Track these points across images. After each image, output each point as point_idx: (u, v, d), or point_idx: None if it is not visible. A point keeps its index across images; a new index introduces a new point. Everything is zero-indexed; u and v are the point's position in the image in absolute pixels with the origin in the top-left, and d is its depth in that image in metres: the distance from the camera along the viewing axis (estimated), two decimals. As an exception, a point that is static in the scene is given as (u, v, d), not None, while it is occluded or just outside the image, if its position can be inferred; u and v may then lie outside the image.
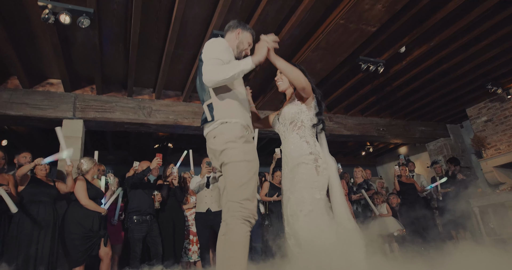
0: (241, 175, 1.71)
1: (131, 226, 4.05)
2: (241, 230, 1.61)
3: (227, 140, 1.76)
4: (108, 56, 4.21)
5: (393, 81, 5.35)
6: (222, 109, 1.83)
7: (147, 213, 4.12)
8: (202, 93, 1.93)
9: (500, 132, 6.34)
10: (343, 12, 3.47)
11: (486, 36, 4.31)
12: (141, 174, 4.11)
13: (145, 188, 4.26)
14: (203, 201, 4.51)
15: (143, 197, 4.19)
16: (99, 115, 4.75)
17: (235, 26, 2.08)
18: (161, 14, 3.55)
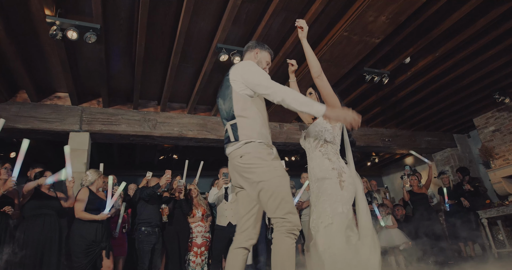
0: (278, 191, 1.73)
1: (141, 238, 4.05)
2: (287, 243, 1.66)
3: (255, 159, 1.78)
4: (114, 70, 4.26)
5: (398, 92, 5.33)
6: (246, 129, 1.85)
7: (156, 225, 4.14)
8: (226, 113, 1.95)
9: (509, 142, 6.25)
10: (346, 24, 3.48)
11: (492, 45, 4.29)
12: (151, 190, 4.13)
13: (154, 201, 4.28)
14: (223, 215, 4.46)
15: (152, 209, 4.22)
16: (105, 128, 4.78)
17: (253, 46, 2.16)
18: (166, 29, 3.60)
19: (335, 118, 1.84)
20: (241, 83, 1.90)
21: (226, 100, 1.93)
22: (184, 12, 3.17)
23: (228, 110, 1.92)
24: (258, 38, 3.65)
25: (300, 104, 1.77)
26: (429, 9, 3.45)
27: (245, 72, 1.91)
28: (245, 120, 1.86)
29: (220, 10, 3.38)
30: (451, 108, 6.12)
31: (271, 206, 1.72)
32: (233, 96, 1.90)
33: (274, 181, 1.74)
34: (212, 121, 5.44)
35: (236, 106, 1.89)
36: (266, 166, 1.77)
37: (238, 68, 1.95)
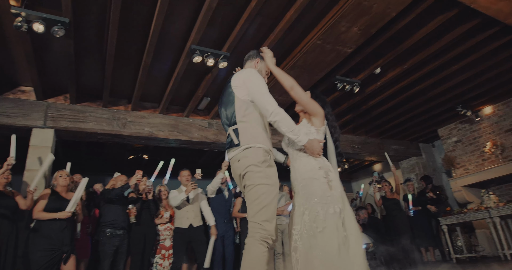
0: (263, 198, 1.80)
1: (103, 240, 3.91)
2: (259, 250, 1.70)
3: (250, 164, 1.85)
4: (83, 66, 4.11)
5: (369, 101, 5.49)
6: (248, 134, 1.93)
7: (121, 227, 4.00)
8: (228, 118, 2.03)
9: (469, 153, 6.59)
10: (320, 33, 3.56)
11: (456, 61, 4.52)
12: (119, 190, 4.00)
13: (121, 202, 4.14)
14: (184, 217, 4.42)
15: (117, 210, 4.07)
16: (71, 125, 4.60)
17: (254, 56, 2.25)
18: (139, 27, 3.52)
19: (310, 150, 1.99)
20: (243, 89, 1.98)
21: (229, 106, 2.01)
22: (158, 12, 3.12)
23: (230, 116, 2.00)
24: (232, 41, 3.65)
25: (289, 130, 1.91)
26: (399, 23, 3.59)
27: (248, 80, 1.99)
28: (246, 125, 1.94)
29: (195, 12, 3.35)
30: (418, 118, 6.39)
31: (253, 210, 1.80)
32: (236, 102, 1.98)
33: (262, 188, 1.81)
34: (184, 122, 5.37)
35: (238, 112, 1.96)
36: (258, 172, 1.84)
37: (241, 76, 2.03)
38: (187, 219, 4.41)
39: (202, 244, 4.35)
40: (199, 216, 4.54)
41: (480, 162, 6.37)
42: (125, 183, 4.18)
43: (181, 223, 4.40)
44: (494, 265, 4.51)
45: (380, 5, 3.19)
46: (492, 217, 5.17)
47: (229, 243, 4.63)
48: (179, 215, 4.47)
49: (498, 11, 3.39)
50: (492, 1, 3.25)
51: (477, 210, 5.43)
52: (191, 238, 4.35)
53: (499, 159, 6.01)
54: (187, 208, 4.48)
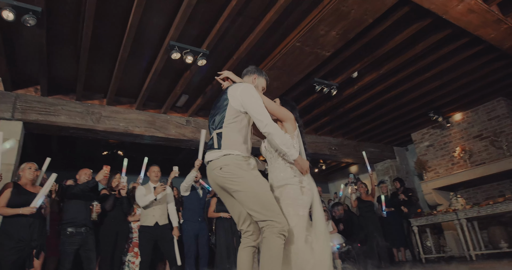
0: (262, 197, 1.87)
1: (63, 239, 3.74)
2: (278, 243, 1.80)
3: (236, 168, 1.91)
4: (56, 57, 3.97)
5: (346, 104, 5.60)
6: (230, 140, 1.99)
7: (82, 225, 3.81)
8: (216, 122, 2.08)
9: (440, 157, 6.84)
10: (299, 35, 3.60)
11: (429, 68, 4.68)
12: (85, 185, 3.85)
13: (83, 198, 3.95)
14: (150, 214, 4.33)
15: (80, 207, 3.88)
16: (42, 118, 4.43)
17: (252, 72, 2.30)
18: (116, 20, 3.44)
19: (299, 166, 2.07)
20: (238, 100, 2.03)
21: (221, 111, 2.07)
22: (136, 5, 3.05)
23: (219, 120, 2.06)
24: (212, 39, 3.62)
25: (282, 143, 1.99)
26: (375, 30, 3.69)
27: (244, 93, 2.03)
28: (231, 131, 2.01)
29: (174, 7, 3.30)
30: (392, 122, 6.58)
31: (259, 211, 1.85)
32: (228, 109, 2.04)
33: (257, 189, 1.88)
34: (161, 118, 5.29)
35: (227, 117, 2.03)
36: (246, 176, 1.90)
37: (239, 88, 2.07)
38: (153, 217, 4.31)
39: (167, 242, 4.28)
40: (166, 214, 4.45)
41: (450, 166, 6.63)
42: (89, 177, 4.03)
43: (146, 221, 4.30)
44: (460, 265, 4.71)
45: (358, 11, 3.26)
46: (459, 219, 5.40)
47: (204, 243, 4.58)
48: (145, 213, 4.35)
49: (468, 23, 3.54)
50: (462, 13, 3.39)
51: (445, 212, 5.65)
52: (157, 236, 4.27)
53: (467, 164, 6.27)
54: (153, 206, 4.37)
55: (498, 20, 3.64)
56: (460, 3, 3.29)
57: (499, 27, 3.74)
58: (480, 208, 5.18)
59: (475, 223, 5.99)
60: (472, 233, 5.66)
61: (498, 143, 5.86)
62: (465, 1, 3.28)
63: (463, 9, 3.37)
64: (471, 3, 3.32)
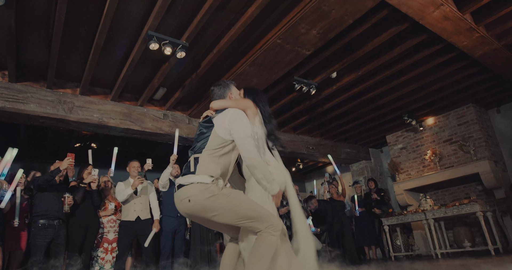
0: (243, 211, 1.80)
1: (34, 231, 3.65)
2: (269, 240, 1.78)
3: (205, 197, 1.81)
4: (26, 41, 3.78)
5: (324, 104, 5.67)
6: (206, 166, 1.88)
7: (55, 217, 3.74)
8: (197, 147, 1.98)
9: (412, 159, 7.06)
10: (280, 32, 3.59)
11: (405, 72, 4.81)
12: (49, 175, 3.71)
13: (54, 190, 3.86)
14: (131, 209, 4.27)
15: (51, 199, 3.80)
16: (9, 105, 4.20)
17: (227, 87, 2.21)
18: (91, 5, 3.31)
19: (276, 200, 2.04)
20: (225, 128, 1.94)
21: (204, 137, 1.99)
22: (113, -9, 2.95)
23: (200, 145, 1.97)
24: (192, 31, 3.56)
25: (264, 178, 1.92)
26: (355, 31, 3.74)
27: (234, 120, 1.95)
28: (209, 157, 1.91)
29: (153, -5, 3.22)
30: (369, 124, 6.72)
31: (249, 225, 1.80)
32: (212, 135, 1.95)
33: (233, 205, 1.81)
34: (137, 111, 5.16)
35: (210, 144, 1.94)
36: (217, 200, 1.81)
37: (227, 116, 1.97)
38: (134, 211, 4.26)
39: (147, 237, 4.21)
40: (147, 208, 4.40)
41: (421, 169, 6.85)
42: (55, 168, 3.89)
43: (127, 216, 4.24)
44: (425, 262, 4.89)
45: (339, 11, 3.29)
46: (427, 219, 5.60)
47: (179, 238, 4.53)
48: (126, 208, 4.30)
49: (442, 29, 3.66)
50: (438, 19, 3.49)
51: (415, 212, 5.84)
52: (138, 231, 4.20)
53: (437, 167, 6.50)
54: (134, 201, 4.32)
55: (470, 28, 3.78)
56: (436, 9, 3.38)
57: (471, 35, 3.88)
58: (447, 209, 5.39)
59: (442, 223, 6.23)
60: (439, 232, 5.89)
61: (466, 148, 6.11)
62: (440, 8, 3.38)
63: (438, 16, 3.47)
64: (446, 11, 3.43)
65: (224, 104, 2.09)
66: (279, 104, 5.47)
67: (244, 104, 2.14)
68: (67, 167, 3.85)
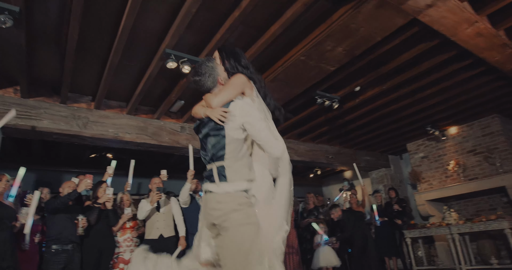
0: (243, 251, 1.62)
1: (47, 257, 3.50)
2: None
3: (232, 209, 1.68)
4: (37, 55, 3.58)
5: (346, 116, 5.45)
6: (235, 172, 1.75)
7: (68, 241, 3.59)
8: (212, 153, 1.80)
9: (434, 169, 6.80)
10: (304, 49, 3.40)
11: (431, 85, 4.58)
12: (66, 198, 3.59)
13: (67, 211, 3.71)
14: (154, 227, 4.14)
15: (64, 222, 3.65)
16: (22, 123, 4.09)
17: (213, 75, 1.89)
18: (106, 22, 3.15)
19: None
20: (237, 128, 1.77)
21: (216, 139, 1.79)
22: (129, 9, 2.77)
23: (216, 151, 1.78)
24: (212, 49, 3.38)
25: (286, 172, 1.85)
26: (383, 47, 3.53)
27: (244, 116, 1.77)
28: (234, 162, 1.76)
29: (172, 12, 3.03)
30: (390, 133, 6.49)
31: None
32: (227, 139, 1.77)
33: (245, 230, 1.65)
34: (154, 124, 5.02)
35: (228, 148, 1.76)
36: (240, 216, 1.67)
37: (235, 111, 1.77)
38: (157, 229, 4.14)
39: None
40: (171, 225, 4.27)
41: (443, 179, 6.59)
42: (72, 189, 3.76)
43: (150, 234, 4.12)
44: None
45: (367, 29, 3.09)
46: (452, 234, 5.39)
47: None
48: (149, 226, 4.18)
49: (475, 45, 3.48)
50: (471, 36, 3.30)
51: (439, 226, 5.64)
52: (161, 250, 4.07)
53: (460, 178, 6.24)
54: (157, 218, 4.20)
55: (504, 45, 3.61)
56: (469, 26, 3.18)
57: (504, 50, 3.71)
58: (473, 225, 5.17)
59: (467, 237, 5.96)
60: (463, 246, 5.64)
61: (491, 160, 5.83)
62: (474, 25, 3.18)
63: (472, 33, 3.28)
64: (481, 27, 3.23)
65: (224, 98, 1.79)
66: (299, 116, 5.28)
67: (241, 85, 1.86)
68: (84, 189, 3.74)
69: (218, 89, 1.89)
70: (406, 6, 2.71)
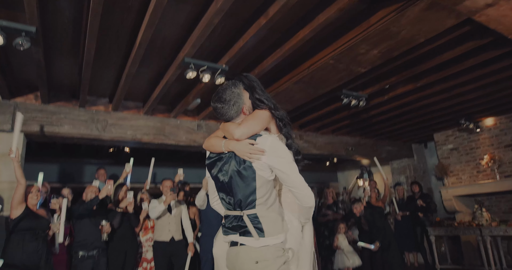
0: None
1: (75, 262, 3.58)
2: None
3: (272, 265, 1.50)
4: (55, 63, 3.46)
5: (371, 110, 5.13)
6: (269, 222, 1.53)
7: (94, 247, 3.64)
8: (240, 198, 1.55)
9: (464, 163, 6.45)
10: (334, 53, 3.11)
11: (473, 81, 4.18)
12: (89, 204, 3.59)
13: (92, 216, 3.72)
14: (166, 229, 4.14)
15: (89, 227, 3.68)
16: (45, 129, 4.05)
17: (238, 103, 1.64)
18: (123, 33, 2.95)
19: None
20: (266, 167, 1.53)
21: (243, 180, 1.53)
22: (148, 22, 2.55)
23: (244, 196, 1.54)
24: (233, 56, 3.14)
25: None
26: (424, 48, 3.17)
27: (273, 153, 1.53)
28: (267, 210, 1.55)
29: (191, 21, 2.80)
30: (418, 125, 6.13)
31: None
32: (257, 179, 1.52)
33: None
34: (171, 124, 4.90)
35: (259, 193, 1.52)
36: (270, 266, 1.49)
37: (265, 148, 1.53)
38: (169, 231, 4.14)
39: (182, 259, 4.12)
40: (180, 229, 4.28)
41: (475, 174, 6.26)
42: (95, 194, 3.74)
43: (161, 236, 4.13)
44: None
45: (410, 31, 2.75)
46: (483, 236, 5.13)
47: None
48: (160, 227, 4.17)
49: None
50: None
51: (468, 226, 5.39)
52: (172, 252, 4.10)
53: (495, 174, 5.88)
54: (169, 220, 4.19)
55: None
56: (531, 23, 2.76)
57: None
58: (508, 228, 4.90)
59: (499, 239, 5.62)
60: (494, 247, 5.37)
61: (531, 156, 5.45)
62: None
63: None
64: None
65: (250, 130, 1.56)
66: (322, 111, 5.02)
67: (267, 119, 1.65)
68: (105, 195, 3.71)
69: (241, 119, 1.65)
70: (461, 6, 2.36)
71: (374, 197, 5.84)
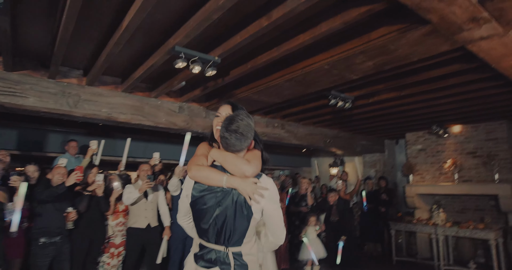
0: None
1: (34, 250, 3.34)
2: None
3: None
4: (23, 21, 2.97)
5: (354, 109, 5.16)
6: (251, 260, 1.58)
7: (56, 234, 3.44)
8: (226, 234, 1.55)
9: (429, 164, 6.80)
10: (331, 59, 3.05)
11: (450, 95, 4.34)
12: (54, 191, 3.36)
13: (56, 201, 3.48)
14: (142, 215, 4.05)
15: (52, 213, 3.46)
16: (5, 100, 3.65)
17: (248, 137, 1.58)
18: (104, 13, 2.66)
19: None
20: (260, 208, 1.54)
21: (237, 220, 1.52)
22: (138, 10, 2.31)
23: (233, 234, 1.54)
24: (227, 50, 2.96)
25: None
26: (415, 64, 3.19)
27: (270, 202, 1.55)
28: (250, 249, 1.60)
29: (187, 8, 2.57)
30: (394, 125, 6.34)
31: None
32: (251, 222, 1.55)
33: None
34: (151, 104, 4.65)
35: (249, 232, 1.56)
36: None
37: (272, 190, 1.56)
38: (145, 218, 4.06)
39: (156, 247, 4.10)
40: (157, 215, 4.23)
41: (437, 175, 6.64)
42: (63, 177, 3.51)
43: (136, 222, 4.04)
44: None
45: (406, 51, 2.76)
46: (437, 234, 5.56)
47: (190, 246, 4.42)
48: (135, 213, 4.07)
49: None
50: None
51: (425, 224, 5.78)
52: (146, 240, 4.06)
53: (454, 178, 6.27)
54: (145, 206, 4.10)
55: None
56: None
57: None
58: (460, 230, 5.32)
59: (449, 237, 6.09)
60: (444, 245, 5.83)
61: (489, 166, 5.82)
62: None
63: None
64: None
65: (257, 170, 1.56)
66: (306, 106, 5.00)
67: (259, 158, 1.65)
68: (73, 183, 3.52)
69: (244, 154, 1.60)
70: (459, 37, 2.37)
71: (343, 190, 6.08)
